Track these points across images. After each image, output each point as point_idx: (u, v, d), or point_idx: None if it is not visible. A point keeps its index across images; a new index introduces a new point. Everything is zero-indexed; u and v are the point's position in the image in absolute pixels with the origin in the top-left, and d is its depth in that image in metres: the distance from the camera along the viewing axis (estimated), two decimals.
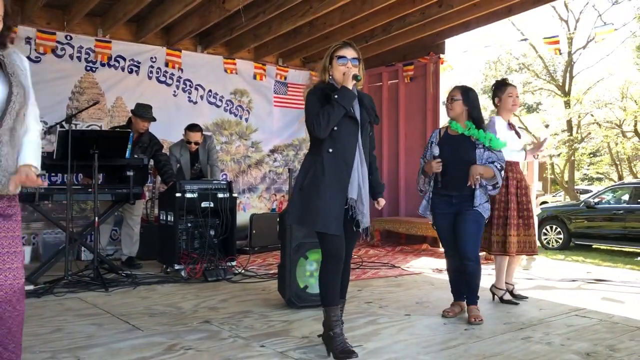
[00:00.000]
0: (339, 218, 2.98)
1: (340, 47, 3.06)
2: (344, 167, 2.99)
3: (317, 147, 3.03)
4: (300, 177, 3.07)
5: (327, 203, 2.93)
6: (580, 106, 20.06)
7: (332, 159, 2.98)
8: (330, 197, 2.94)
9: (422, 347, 3.23)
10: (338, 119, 2.95)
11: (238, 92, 8.27)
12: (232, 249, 5.54)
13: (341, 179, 2.99)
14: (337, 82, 3.05)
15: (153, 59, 7.45)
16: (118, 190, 5.40)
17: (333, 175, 2.97)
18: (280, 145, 8.74)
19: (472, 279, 3.85)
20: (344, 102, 2.94)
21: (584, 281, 5.43)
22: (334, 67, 3.05)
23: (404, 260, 6.60)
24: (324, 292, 3.06)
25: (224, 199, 5.43)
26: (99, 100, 6.73)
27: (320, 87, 3.07)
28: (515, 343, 3.30)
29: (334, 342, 2.96)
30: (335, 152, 2.98)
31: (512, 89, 4.44)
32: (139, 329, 3.53)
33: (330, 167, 2.97)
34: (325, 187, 2.94)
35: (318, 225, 2.93)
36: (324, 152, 2.99)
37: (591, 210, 10.25)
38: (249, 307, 4.17)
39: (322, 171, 2.96)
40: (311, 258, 4.17)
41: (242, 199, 8.21)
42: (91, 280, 4.85)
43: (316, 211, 2.93)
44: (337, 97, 2.93)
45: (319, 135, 2.94)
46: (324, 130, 2.93)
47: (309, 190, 2.98)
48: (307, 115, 3.00)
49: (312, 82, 3.14)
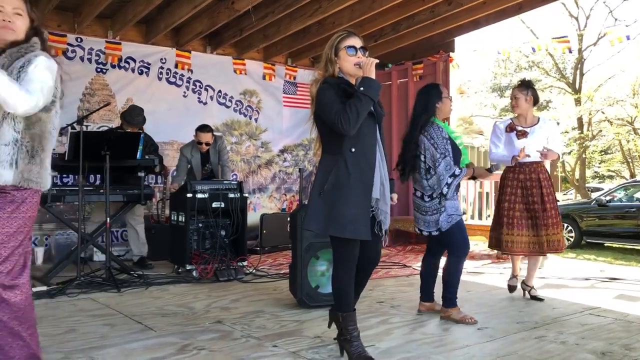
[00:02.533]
0: (367, 222, 2.82)
1: (345, 37, 2.88)
2: (367, 167, 2.83)
3: (336, 147, 2.82)
4: (320, 180, 2.84)
5: (355, 207, 2.76)
6: (591, 103, 19.93)
7: (355, 158, 2.79)
8: (357, 200, 2.78)
9: (435, 346, 3.22)
10: (367, 113, 2.75)
11: (247, 92, 8.28)
12: (243, 249, 5.54)
13: (365, 180, 2.81)
14: (348, 75, 2.88)
15: (163, 60, 7.48)
16: (129, 191, 5.43)
17: (358, 176, 2.79)
18: (290, 145, 8.74)
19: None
20: (371, 94, 2.72)
21: (598, 280, 5.38)
22: (342, 58, 2.86)
23: (415, 260, 6.58)
24: (340, 299, 2.94)
25: (235, 199, 5.44)
26: (110, 101, 6.75)
27: (334, 81, 2.84)
28: (529, 342, 3.27)
29: (350, 345, 2.91)
30: (357, 152, 2.80)
31: (513, 91, 4.50)
32: (151, 329, 3.54)
33: (355, 167, 2.78)
34: (352, 189, 2.77)
35: (348, 232, 2.75)
36: (345, 152, 2.78)
37: (603, 208, 10.14)
38: (260, 307, 4.17)
39: (346, 173, 2.77)
40: (322, 258, 4.16)
41: (253, 199, 8.22)
42: (103, 281, 4.87)
43: (343, 216, 2.74)
44: (362, 88, 2.72)
45: (347, 133, 2.71)
46: (354, 126, 2.70)
47: (332, 194, 2.78)
48: (327, 111, 2.76)
49: (318, 77, 2.97)
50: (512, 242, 4.29)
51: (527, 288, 4.48)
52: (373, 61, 2.79)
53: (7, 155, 2.22)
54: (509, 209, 4.31)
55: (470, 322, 3.68)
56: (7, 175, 2.22)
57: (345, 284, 2.92)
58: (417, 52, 8.28)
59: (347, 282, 2.92)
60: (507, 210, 4.32)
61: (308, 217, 2.86)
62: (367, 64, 2.78)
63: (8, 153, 2.22)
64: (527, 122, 4.42)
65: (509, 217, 4.31)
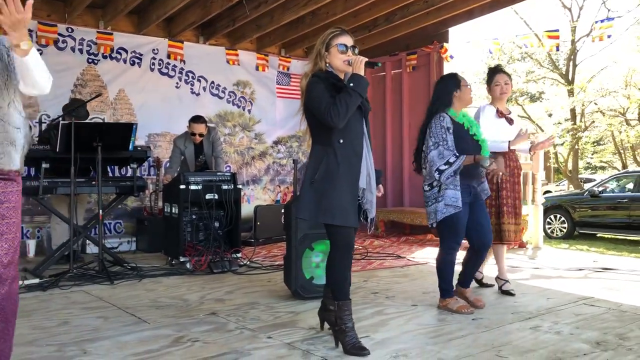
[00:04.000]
0: (355, 210, 2.94)
1: (337, 35, 2.98)
2: (355, 157, 2.94)
3: (325, 138, 2.93)
4: (311, 170, 2.96)
5: (344, 195, 2.88)
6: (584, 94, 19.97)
7: (344, 149, 2.90)
8: (346, 188, 2.89)
9: (430, 337, 3.21)
10: (355, 107, 2.87)
11: (241, 83, 8.23)
12: (237, 241, 5.52)
13: (353, 170, 2.93)
14: (336, 70, 2.98)
15: (155, 50, 7.41)
16: (122, 183, 5.39)
17: (346, 166, 2.90)
18: (283, 137, 8.70)
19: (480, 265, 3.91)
20: (360, 90, 2.85)
21: (591, 270, 5.40)
22: (332, 54, 2.96)
23: (408, 251, 6.58)
24: (337, 287, 2.98)
25: (229, 191, 5.41)
26: (102, 92, 6.69)
27: (323, 76, 2.96)
28: (524, 333, 3.27)
29: (345, 336, 2.92)
30: (345, 143, 2.90)
31: (500, 76, 4.37)
32: (145, 322, 3.52)
33: (343, 157, 2.89)
34: (341, 178, 2.87)
35: (337, 219, 2.86)
36: (334, 143, 2.90)
37: (595, 199, 10.18)
38: (255, 299, 4.16)
39: (336, 163, 2.88)
40: (317, 249, 4.15)
41: (246, 190, 8.19)
42: (96, 273, 4.84)
43: (334, 204, 2.85)
44: (352, 84, 2.84)
45: (336, 125, 2.82)
46: (343, 119, 2.82)
47: (323, 183, 2.89)
48: (317, 104, 2.86)
49: (308, 70, 3.05)
50: (513, 232, 4.26)
51: (501, 282, 4.36)
52: (362, 59, 2.89)
53: (20, 139, 2.18)
54: (507, 197, 4.28)
55: (467, 312, 3.68)
56: (17, 160, 2.17)
57: (342, 271, 2.97)
58: (411, 42, 8.26)
59: (343, 269, 2.97)
60: (505, 198, 4.27)
61: (300, 205, 2.96)
62: (357, 61, 2.89)
63: (20, 137, 2.18)
64: (505, 109, 4.43)
65: (509, 206, 4.27)
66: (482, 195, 3.85)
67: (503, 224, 4.25)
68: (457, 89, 3.78)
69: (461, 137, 3.70)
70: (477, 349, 2.99)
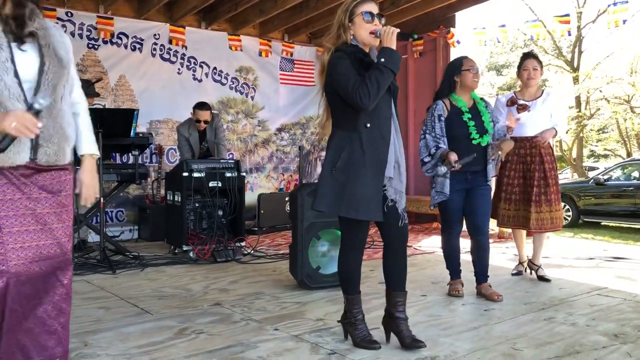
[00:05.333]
0: (379, 202, 2.67)
1: (361, 1, 2.65)
2: (382, 143, 2.65)
3: (349, 122, 2.64)
4: (331, 158, 2.67)
5: (369, 186, 2.61)
6: (589, 82, 19.76)
7: (371, 134, 2.61)
8: (371, 178, 2.62)
9: (442, 329, 3.12)
10: (387, 86, 2.56)
11: (243, 69, 8.08)
12: (241, 229, 5.42)
13: (380, 157, 2.64)
14: (362, 43, 2.68)
15: (156, 35, 7.27)
16: (123, 170, 5.28)
17: (373, 153, 2.61)
18: (287, 124, 8.57)
19: (487, 254, 3.83)
20: (392, 66, 2.53)
21: (602, 259, 5.30)
22: (356, 25, 2.64)
23: (415, 240, 6.48)
24: (346, 281, 2.83)
25: (232, 178, 5.31)
26: (101, 77, 6.55)
27: (349, 49, 2.63)
28: (539, 324, 3.18)
29: (355, 329, 2.81)
30: (373, 127, 2.61)
31: (529, 61, 4.31)
32: (148, 313, 3.43)
33: (369, 144, 2.61)
34: (366, 167, 2.60)
35: (362, 213, 2.61)
36: (360, 128, 2.60)
37: (600, 187, 10.08)
38: (260, 289, 4.06)
39: (360, 150, 2.60)
40: (323, 238, 4.04)
41: (250, 178, 8.08)
42: (98, 262, 4.75)
43: (356, 196, 2.60)
44: (383, 60, 2.53)
45: (366, 107, 2.53)
46: (374, 99, 2.52)
47: (346, 173, 2.61)
48: (343, 83, 2.56)
49: (329, 43, 2.71)
50: (508, 217, 4.27)
51: (535, 267, 4.37)
52: (394, 30, 2.58)
53: (72, 133, 2.21)
54: (508, 184, 4.27)
55: (455, 294, 3.80)
56: (69, 153, 2.21)
57: (351, 265, 2.82)
58: (417, 27, 8.07)
59: (353, 264, 2.82)
60: (506, 185, 4.28)
61: (318, 196, 2.69)
62: (387, 32, 2.58)
63: (71, 132, 2.21)
64: (530, 95, 4.29)
65: (507, 192, 4.27)
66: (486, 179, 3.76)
67: (518, 209, 4.22)
68: (458, 74, 3.73)
69: (455, 123, 3.65)
70: (491, 341, 2.89)
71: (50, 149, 2.10)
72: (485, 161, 3.74)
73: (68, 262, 2.21)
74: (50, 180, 2.15)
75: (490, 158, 3.75)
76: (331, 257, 4.06)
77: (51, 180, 2.15)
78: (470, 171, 3.69)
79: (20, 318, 2.10)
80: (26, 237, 2.08)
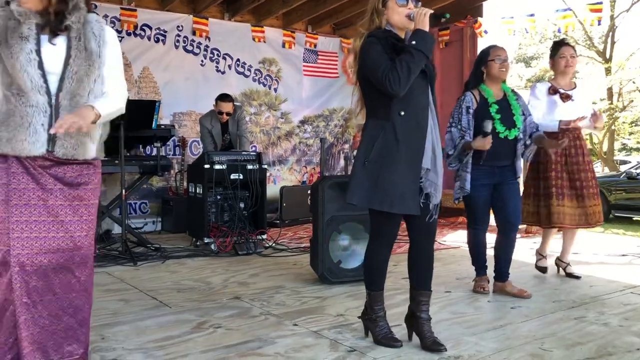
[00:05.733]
0: (415, 195, 2.53)
1: None
2: (418, 133, 2.52)
3: (382, 110, 2.52)
4: (364, 148, 2.56)
5: (403, 178, 2.49)
6: (622, 73, 19.20)
7: (405, 123, 2.49)
8: (406, 170, 2.49)
9: (467, 327, 3.01)
10: (419, 70, 2.44)
11: (267, 61, 8.01)
12: (262, 222, 5.37)
13: (415, 148, 2.51)
14: (396, 28, 2.55)
15: (180, 27, 7.23)
16: (145, 162, 5.27)
17: (408, 143, 2.49)
18: (310, 116, 8.48)
19: (512, 251, 3.70)
20: (424, 48, 2.40)
21: (635, 256, 5.10)
22: (390, 9, 2.52)
23: (440, 234, 6.33)
24: (370, 277, 2.73)
25: (254, 171, 5.25)
26: (125, 70, 6.53)
27: (381, 35, 2.51)
28: (568, 323, 3.04)
29: (376, 326, 2.72)
30: (407, 115, 2.48)
31: (566, 48, 4.09)
32: (166, 306, 3.40)
33: (404, 133, 2.48)
34: (400, 158, 2.48)
35: (396, 206, 2.48)
36: (394, 116, 2.48)
37: (633, 182, 9.76)
38: (280, 282, 4.00)
39: (394, 139, 2.47)
40: (345, 232, 3.95)
41: (272, 171, 8.03)
42: (120, 254, 4.75)
43: (390, 188, 2.47)
44: (415, 42, 2.41)
45: (396, 93, 2.41)
46: (404, 85, 2.40)
47: (379, 164, 2.49)
48: (374, 69, 2.45)
49: (362, 29, 2.61)
50: (563, 214, 3.93)
51: (563, 265, 4.21)
52: (427, 11, 2.47)
53: (97, 129, 2.20)
54: (557, 177, 3.96)
55: (481, 291, 3.69)
56: (93, 150, 2.20)
57: (378, 261, 2.71)
58: None
59: (381, 260, 2.71)
60: (554, 179, 3.96)
61: (351, 189, 2.58)
62: (419, 14, 2.46)
63: (96, 127, 2.19)
64: (566, 85, 4.11)
65: (558, 187, 3.96)
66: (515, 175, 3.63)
67: (552, 205, 3.94)
68: (484, 64, 3.59)
69: (482, 115, 3.49)
70: (518, 340, 2.78)
71: (67, 142, 2.08)
72: (514, 156, 3.58)
73: (85, 258, 2.17)
74: (71, 173, 2.12)
75: (521, 153, 3.60)
76: (352, 252, 3.97)
77: (71, 173, 2.12)
78: (498, 166, 3.55)
79: (34, 313, 2.07)
80: (34, 228, 2.05)
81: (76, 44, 2.08)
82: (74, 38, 2.09)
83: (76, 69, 2.07)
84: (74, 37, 2.09)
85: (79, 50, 2.08)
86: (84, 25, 2.12)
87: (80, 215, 2.14)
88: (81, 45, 2.09)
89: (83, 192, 2.14)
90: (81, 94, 2.10)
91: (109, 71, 2.21)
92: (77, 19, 2.10)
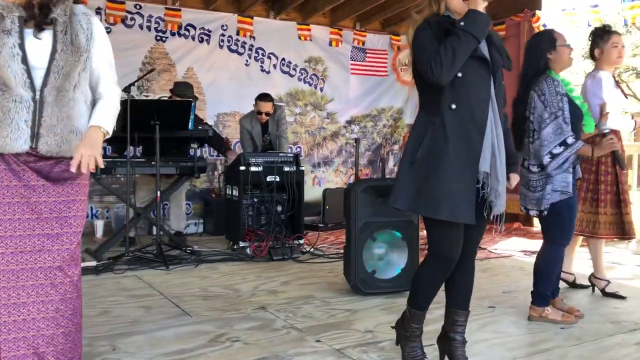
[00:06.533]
0: (471, 201, 2.19)
1: None
2: (474, 130, 2.20)
3: (432, 104, 2.24)
4: (411, 147, 2.27)
5: (454, 181, 2.17)
6: None
7: (457, 118, 2.18)
8: (457, 171, 2.17)
9: (508, 349, 2.70)
10: (467, 55, 2.13)
11: (313, 60, 7.81)
12: (299, 226, 5.17)
13: (471, 147, 2.19)
14: (455, 13, 2.24)
15: (224, 27, 7.15)
16: (182, 163, 5.17)
17: (460, 141, 2.18)
18: (357, 116, 8.21)
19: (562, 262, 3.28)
20: (474, 30, 2.11)
21: None
22: None
23: (491, 241, 5.95)
24: (415, 294, 2.40)
25: (290, 173, 5.06)
26: (154, 68, 6.37)
27: (435, 20, 2.24)
28: (628, 349, 2.68)
29: (408, 344, 2.44)
30: (460, 109, 2.18)
31: (618, 37, 3.62)
32: (188, 314, 3.25)
33: (456, 130, 2.18)
34: (451, 158, 2.16)
35: (443, 212, 2.15)
36: (444, 110, 2.18)
37: None
38: (311, 292, 3.79)
39: (444, 137, 2.17)
40: (380, 239, 3.69)
41: (318, 172, 7.83)
42: (154, 257, 4.66)
43: (437, 191, 2.17)
44: (463, 23, 2.13)
45: (438, 80, 2.12)
46: (447, 71, 2.10)
47: (427, 164, 2.20)
48: (420, 56, 2.18)
49: (415, 16, 2.31)
50: (609, 224, 3.55)
51: (602, 283, 3.70)
52: None
53: (84, 126, 2.08)
54: (605, 182, 3.56)
55: (573, 322, 3.09)
56: None
57: (429, 281, 2.35)
58: (499, 11, 7.44)
59: (432, 280, 2.34)
60: (623, 183, 3.56)
61: (395, 191, 2.29)
62: None
63: (84, 124, 2.09)
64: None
65: (604, 193, 3.55)
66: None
67: (599, 214, 3.56)
68: (552, 49, 3.07)
69: (575, 108, 3.04)
70: None
71: (51, 139, 1.98)
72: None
73: (73, 257, 2.07)
74: (57, 169, 2.03)
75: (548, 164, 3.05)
76: (388, 261, 3.71)
77: (58, 168, 2.03)
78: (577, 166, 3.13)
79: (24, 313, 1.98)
80: (18, 226, 1.97)
81: (62, 37, 1.98)
82: (60, 32, 1.98)
83: (62, 64, 1.97)
84: (60, 31, 1.98)
85: (65, 44, 1.98)
86: (71, 18, 2.02)
87: (68, 212, 2.05)
88: (67, 39, 1.99)
89: (70, 187, 2.05)
90: (67, 89, 2.01)
91: (100, 67, 2.11)
92: (63, 11, 1.99)
